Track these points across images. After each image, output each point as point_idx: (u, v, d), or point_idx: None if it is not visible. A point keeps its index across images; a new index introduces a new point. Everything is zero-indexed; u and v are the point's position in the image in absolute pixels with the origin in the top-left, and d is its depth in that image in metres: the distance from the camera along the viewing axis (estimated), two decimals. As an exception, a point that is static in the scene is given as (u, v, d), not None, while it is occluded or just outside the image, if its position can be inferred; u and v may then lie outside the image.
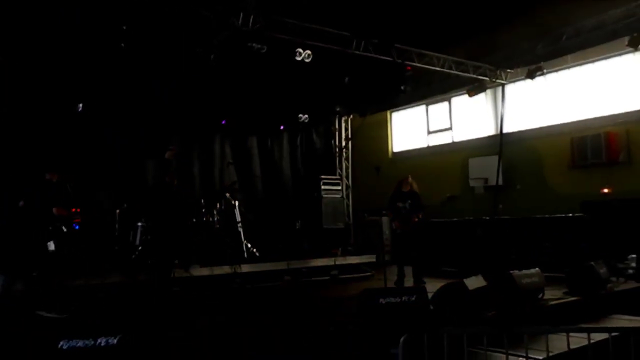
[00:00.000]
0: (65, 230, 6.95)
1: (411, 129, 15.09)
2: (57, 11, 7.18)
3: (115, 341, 3.94)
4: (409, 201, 8.67)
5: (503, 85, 11.82)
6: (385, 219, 12.64)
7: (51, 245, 6.74)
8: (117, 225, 9.57)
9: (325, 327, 5.39)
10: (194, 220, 9.59)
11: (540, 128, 11.97)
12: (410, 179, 8.91)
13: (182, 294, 8.22)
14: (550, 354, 4.12)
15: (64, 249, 7.03)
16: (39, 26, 7.51)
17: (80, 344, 3.85)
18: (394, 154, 15.45)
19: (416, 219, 8.61)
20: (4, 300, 7.13)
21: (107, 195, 10.48)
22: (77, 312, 6.63)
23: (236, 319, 5.93)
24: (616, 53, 10.51)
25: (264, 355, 4.48)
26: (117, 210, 9.69)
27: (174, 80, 9.81)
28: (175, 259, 8.66)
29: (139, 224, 9.39)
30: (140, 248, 9.23)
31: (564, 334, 4.21)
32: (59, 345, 3.79)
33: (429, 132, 14.63)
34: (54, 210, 6.88)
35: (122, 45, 7.91)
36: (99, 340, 3.90)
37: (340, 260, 10.65)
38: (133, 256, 9.07)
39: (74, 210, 7.46)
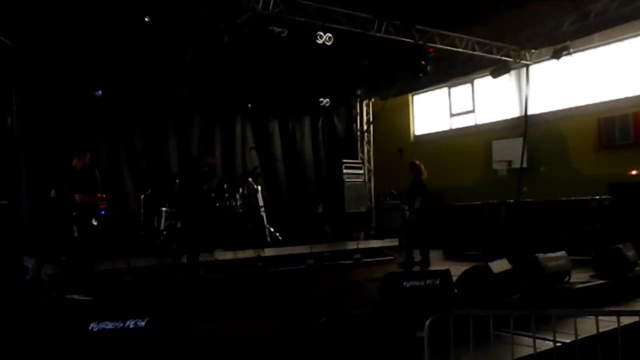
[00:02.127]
0: (89, 217, 7.03)
1: (433, 111, 14.95)
2: None
3: (143, 324, 4.01)
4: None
5: (527, 65, 11.59)
6: (406, 203, 12.60)
7: (75, 231, 6.87)
8: (142, 210, 9.68)
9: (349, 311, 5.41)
10: (217, 204, 9.67)
11: (566, 109, 11.77)
12: (410, 166, 9.47)
13: (206, 278, 8.36)
14: (579, 338, 4.05)
15: (89, 234, 7.13)
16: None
17: (109, 326, 3.93)
18: (416, 137, 15.34)
19: (417, 205, 9.10)
20: (34, 284, 7.32)
21: (131, 181, 10.63)
22: (107, 295, 6.78)
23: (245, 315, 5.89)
24: (645, 31, 10.24)
25: (265, 356, 4.48)
26: (142, 196, 9.81)
27: (195, 65, 9.82)
28: (202, 243, 8.73)
29: (164, 209, 9.49)
30: (165, 233, 9.35)
31: (592, 317, 4.15)
32: (90, 328, 3.88)
33: (452, 115, 14.48)
34: (77, 197, 6.98)
35: (145, 38, 7.99)
36: (127, 323, 3.97)
37: (363, 244, 10.67)
38: (158, 241, 9.19)
39: (99, 195, 7.55)
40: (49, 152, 8.88)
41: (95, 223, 7.10)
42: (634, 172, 10.32)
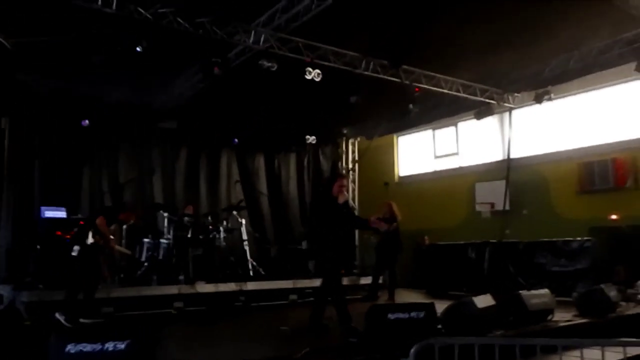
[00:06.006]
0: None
1: (418, 153, 15.12)
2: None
3: (123, 346, 3.91)
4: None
5: (511, 109, 11.88)
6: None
7: (75, 251, 6.79)
8: (123, 241, 9.56)
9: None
10: (201, 237, 9.62)
11: (548, 154, 11.98)
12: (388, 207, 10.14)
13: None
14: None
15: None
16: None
17: (88, 348, 3.83)
18: (400, 177, 15.45)
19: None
20: (9, 313, 7.14)
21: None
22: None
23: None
24: (623, 80, 10.57)
25: None
26: (124, 226, 9.70)
27: (182, 96, 9.91)
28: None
29: (146, 240, 9.40)
30: (146, 264, 9.22)
31: (578, 352, 4.15)
32: (66, 349, 3.77)
33: (436, 157, 14.66)
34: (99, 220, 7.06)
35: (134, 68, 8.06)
36: (107, 345, 3.88)
37: (346, 281, 10.56)
38: (138, 272, 9.05)
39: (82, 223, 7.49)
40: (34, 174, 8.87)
41: (75, 254, 7.01)
42: (614, 217, 10.47)
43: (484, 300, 6.09)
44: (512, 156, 12.22)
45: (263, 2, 7.53)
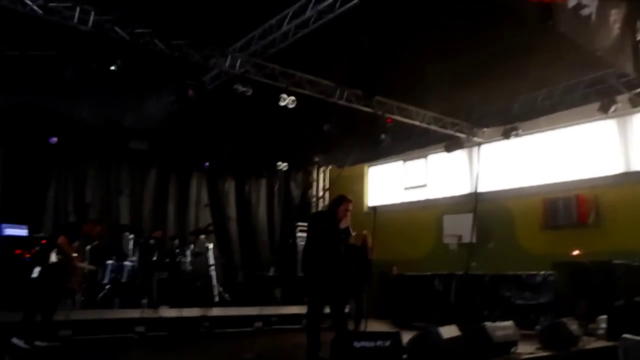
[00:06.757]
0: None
1: (387, 184, 15.25)
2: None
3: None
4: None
5: (480, 144, 12.13)
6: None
7: (35, 272, 6.60)
8: (87, 262, 9.32)
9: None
10: (167, 260, 9.46)
11: (514, 189, 12.23)
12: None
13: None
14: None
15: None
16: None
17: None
18: (370, 208, 15.51)
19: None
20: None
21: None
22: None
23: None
24: (587, 119, 10.94)
25: None
26: (88, 247, 9.47)
27: (154, 118, 9.83)
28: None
29: (109, 261, 9.19)
30: (108, 287, 8.99)
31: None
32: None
33: (405, 188, 14.81)
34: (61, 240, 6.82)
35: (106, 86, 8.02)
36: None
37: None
38: (101, 294, 8.81)
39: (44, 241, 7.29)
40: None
41: (35, 275, 6.81)
42: (576, 252, 10.69)
43: (449, 331, 6.09)
44: (479, 190, 12.43)
45: (240, 28, 7.61)
